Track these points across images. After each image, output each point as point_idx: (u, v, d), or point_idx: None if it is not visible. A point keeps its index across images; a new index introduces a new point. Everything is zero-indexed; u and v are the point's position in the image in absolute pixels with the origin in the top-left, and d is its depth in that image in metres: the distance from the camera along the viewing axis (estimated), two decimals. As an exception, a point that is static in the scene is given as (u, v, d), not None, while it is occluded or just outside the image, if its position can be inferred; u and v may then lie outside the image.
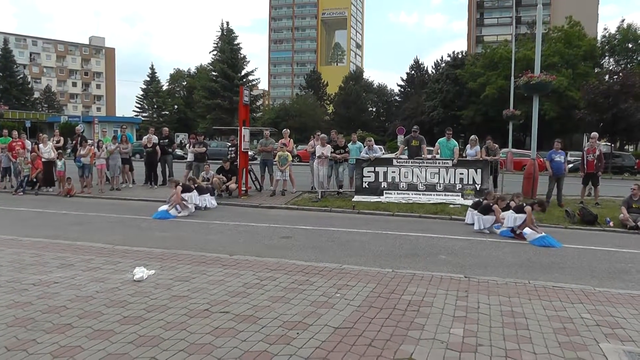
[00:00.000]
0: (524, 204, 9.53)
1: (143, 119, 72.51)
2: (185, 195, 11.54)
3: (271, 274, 6.05)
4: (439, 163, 13.72)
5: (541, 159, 15.72)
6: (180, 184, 11.65)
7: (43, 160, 15.39)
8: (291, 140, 15.76)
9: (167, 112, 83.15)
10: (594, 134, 15.48)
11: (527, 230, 9.19)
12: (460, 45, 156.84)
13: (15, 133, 16.64)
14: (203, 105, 68.57)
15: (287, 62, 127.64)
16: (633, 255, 8.23)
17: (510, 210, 9.67)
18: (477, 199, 11.57)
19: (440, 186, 13.60)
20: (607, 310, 5.08)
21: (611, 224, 10.79)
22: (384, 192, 13.75)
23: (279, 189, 14.76)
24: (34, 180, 15.42)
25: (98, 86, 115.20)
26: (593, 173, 13.71)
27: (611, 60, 51.46)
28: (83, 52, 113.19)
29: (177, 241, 8.48)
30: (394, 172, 13.83)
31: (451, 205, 12.70)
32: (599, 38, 52.48)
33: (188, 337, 4.05)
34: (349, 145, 15.09)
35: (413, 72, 77.55)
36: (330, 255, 7.67)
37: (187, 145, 22.08)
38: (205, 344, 3.92)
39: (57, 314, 4.52)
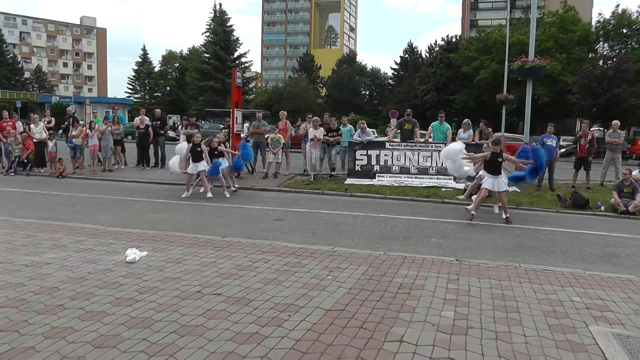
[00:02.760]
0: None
1: (135, 100, 71.89)
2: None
3: (263, 256, 6.05)
4: (432, 146, 13.71)
5: (534, 143, 15.77)
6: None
7: (34, 140, 15.23)
8: (288, 122, 15.62)
9: (159, 94, 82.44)
10: (616, 122, 15.02)
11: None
12: (454, 29, 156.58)
13: (5, 113, 16.41)
14: (195, 87, 68.02)
15: (280, 44, 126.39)
16: (623, 240, 8.32)
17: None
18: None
19: (432, 169, 13.61)
20: (596, 293, 5.14)
21: (602, 208, 10.88)
22: (377, 175, 13.76)
23: (272, 171, 14.72)
24: (25, 161, 15.31)
25: (89, 67, 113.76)
26: (585, 157, 13.80)
27: (605, 45, 51.20)
28: (74, 32, 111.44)
29: (169, 223, 8.46)
30: (387, 155, 13.82)
31: (443, 189, 12.74)
32: (593, 23, 52.16)
33: (180, 318, 4.06)
34: (341, 128, 15.04)
35: (407, 55, 76.98)
36: (322, 237, 7.69)
37: (180, 127, 21.92)
38: (197, 325, 3.93)
39: (49, 295, 4.51)
